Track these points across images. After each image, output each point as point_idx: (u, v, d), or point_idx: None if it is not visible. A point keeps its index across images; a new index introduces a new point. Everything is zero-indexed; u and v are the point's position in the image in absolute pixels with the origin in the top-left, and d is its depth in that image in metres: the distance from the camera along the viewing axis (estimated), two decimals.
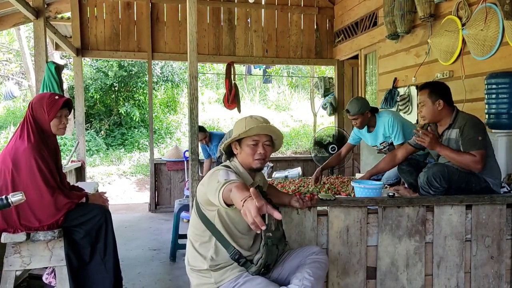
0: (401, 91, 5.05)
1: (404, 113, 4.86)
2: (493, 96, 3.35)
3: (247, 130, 2.08)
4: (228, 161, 2.20)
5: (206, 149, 6.20)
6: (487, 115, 3.44)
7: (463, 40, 3.92)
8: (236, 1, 6.79)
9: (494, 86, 3.35)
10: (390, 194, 2.62)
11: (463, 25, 3.91)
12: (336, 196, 2.62)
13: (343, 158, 4.12)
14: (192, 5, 2.40)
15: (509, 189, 2.88)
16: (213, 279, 2.03)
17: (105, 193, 2.89)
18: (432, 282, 2.58)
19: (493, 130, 3.35)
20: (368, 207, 2.54)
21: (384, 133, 3.75)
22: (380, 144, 3.84)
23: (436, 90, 2.85)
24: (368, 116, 3.72)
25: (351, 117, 3.70)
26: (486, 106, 3.45)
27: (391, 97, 5.14)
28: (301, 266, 2.10)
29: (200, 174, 4.35)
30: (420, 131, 2.73)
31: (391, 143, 3.75)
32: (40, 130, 2.58)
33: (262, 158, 2.12)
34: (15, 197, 1.67)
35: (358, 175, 4.17)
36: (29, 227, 2.46)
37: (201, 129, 5.77)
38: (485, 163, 2.70)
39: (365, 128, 3.83)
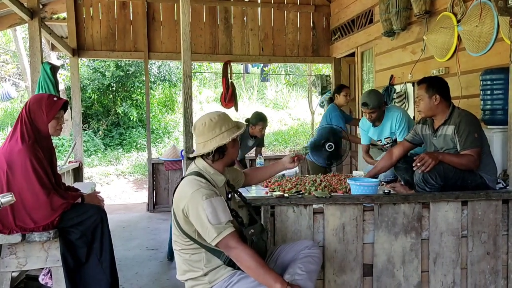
0: (398, 88, 5.05)
1: None
2: (488, 92, 3.36)
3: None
4: (194, 165, 2.14)
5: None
6: (482, 111, 3.44)
7: (459, 36, 3.92)
8: (232, 0, 6.78)
9: (489, 82, 3.35)
10: (386, 191, 2.62)
11: (458, 21, 3.91)
12: (332, 194, 2.62)
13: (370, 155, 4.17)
14: (185, 4, 2.40)
15: (504, 185, 2.88)
16: (207, 278, 2.03)
17: (99, 192, 2.89)
18: (429, 278, 2.58)
19: (488, 126, 3.35)
20: (364, 204, 2.54)
21: (391, 128, 3.76)
22: (385, 139, 3.85)
23: (433, 84, 2.88)
24: (383, 109, 3.73)
25: (369, 110, 3.68)
26: (482, 102, 3.45)
27: (387, 94, 5.14)
28: (293, 262, 2.11)
29: None
30: (416, 160, 2.70)
31: (395, 140, 3.76)
32: (36, 131, 2.58)
33: None
34: (5, 198, 1.67)
35: (355, 173, 4.17)
36: (25, 228, 2.45)
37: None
38: (481, 159, 2.71)
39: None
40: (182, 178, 2.11)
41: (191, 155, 2.18)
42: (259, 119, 4.75)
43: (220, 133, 2.06)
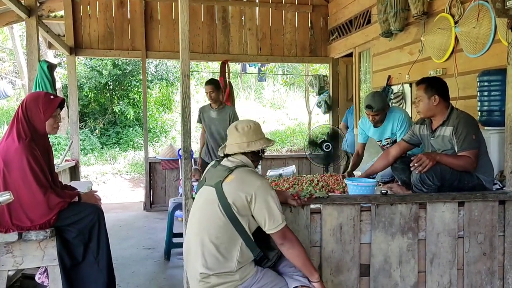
0: (395, 88, 5.06)
1: None
2: (486, 93, 3.37)
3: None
4: (236, 159, 2.22)
5: None
6: (479, 113, 3.45)
7: (456, 37, 3.93)
8: None
9: (486, 84, 3.36)
10: (383, 191, 2.62)
11: (455, 22, 3.92)
12: (330, 194, 2.63)
13: (362, 157, 4.14)
14: (184, 3, 2.39)
15: (501, 186, 2.89)
16: (237, 275, 2.05)
17: (96, 191, 2.88)
18: (425, 279, 2.59)
19: (485, 128, 3.36)
20: (361, 204, 2.54)
21: (392, 128, 3.76)
22: (385, 139, 3.85)
23: (433, 85, 2.88)
24: (386, 111, 3.74)
25: (374, 113, 3.66)
26: (479, 103, 3.46)
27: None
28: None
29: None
30: (414, 161, 2.71)
31: (395, 140, 3.76)
32: (32, 129, 2.57)
33: None
34: (3, 197, 1.66)
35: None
36: (21, 226, 2.45)
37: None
38: (478, 161, 2.72)
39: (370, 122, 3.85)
40: (232, 169, 2.12)
41: (231, 152, 2.23)
42: (206, 82, 5.22)
43: (263, 137, 2.27)
